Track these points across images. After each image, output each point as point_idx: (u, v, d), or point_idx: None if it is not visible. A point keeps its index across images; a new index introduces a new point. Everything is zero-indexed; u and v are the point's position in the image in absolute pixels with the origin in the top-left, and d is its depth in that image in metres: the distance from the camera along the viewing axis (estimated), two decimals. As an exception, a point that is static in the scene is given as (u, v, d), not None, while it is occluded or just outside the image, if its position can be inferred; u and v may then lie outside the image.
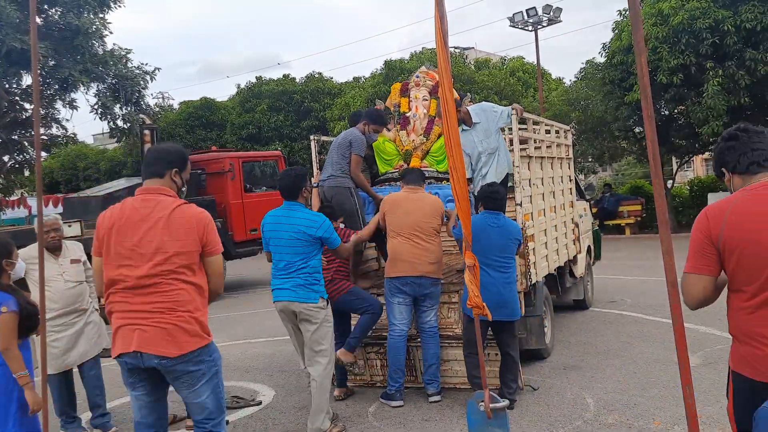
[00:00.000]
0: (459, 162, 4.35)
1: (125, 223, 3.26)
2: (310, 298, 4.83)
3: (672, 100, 16.56)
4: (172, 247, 3.19)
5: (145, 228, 3.21)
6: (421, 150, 6.55)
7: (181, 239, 3.21)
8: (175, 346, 3.16)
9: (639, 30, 1.86)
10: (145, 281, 3.17)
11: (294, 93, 27.42)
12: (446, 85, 3.95)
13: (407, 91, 6.78)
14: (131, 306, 3.21)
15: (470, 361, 5.34)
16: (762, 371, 2.35)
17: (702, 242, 2.44)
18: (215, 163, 14.13)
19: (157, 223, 3.21)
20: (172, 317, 3.16)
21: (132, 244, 3.21)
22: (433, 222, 5.64)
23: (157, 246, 3.18)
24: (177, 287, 3.19)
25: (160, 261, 3.17)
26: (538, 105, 22.36)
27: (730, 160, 2.56)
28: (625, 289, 10.42)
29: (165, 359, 3.17)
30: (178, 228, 3.21)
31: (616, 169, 35.37)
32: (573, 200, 8.43)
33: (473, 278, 4.51)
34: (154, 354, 3.16)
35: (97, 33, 17.61)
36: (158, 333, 3.15)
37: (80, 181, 32.69)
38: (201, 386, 3.27)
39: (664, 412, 4.99)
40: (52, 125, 19.51)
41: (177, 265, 3.19)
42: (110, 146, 35.79)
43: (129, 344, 3.18)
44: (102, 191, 13.62)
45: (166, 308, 3.17)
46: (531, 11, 23.81)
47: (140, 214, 3.25)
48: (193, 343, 3.20)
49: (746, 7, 14.72)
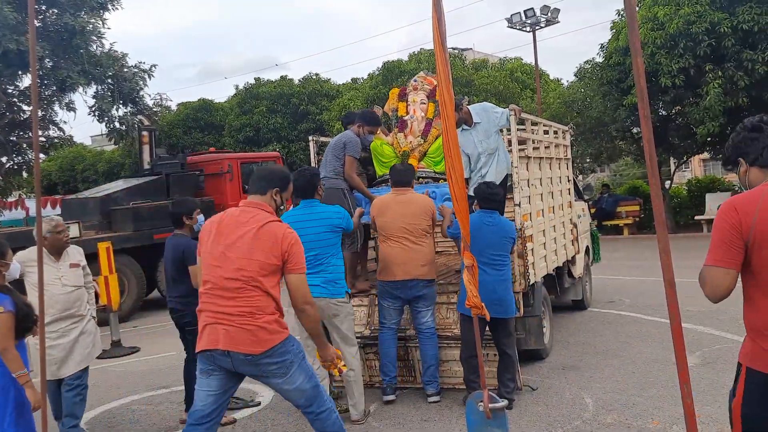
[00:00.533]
0: (457, 163, 4.35)
1: (223, 228, 3.61)
2: (340, 293, 5.15)
3: (671, 102, 16.58)
4: (256, 257, 3.48)
5: (237, 235, 3.54)
6: (418, 151, 6.54)
7: (265, 251, 3.50)
8: (258, 345, 3.45)
9: (635, 31, 1.86)
10: (229, 284, 3.48)
11: (291, 95, 27.43)
12: (445, 86, 3.95)
13: (405, 95, 6.78)
14: (218, 307, 3.51)
15: (468, 366, 5.34)
16: None
17: (731, 235, 2.36)
18: (213, 165, 14.12)
19: (247, 233, 3.53)
20: (254, 320, 3.46)
21: (223, 248, 3.54)
22: (422, 223, 5.62)
23: (244, 253, 3.49)
24: (257, 294, 3.48)
25: (244, 266, 3.47)
26: (536, 106, 22.37)
27: (752, 151, 2.49)
28: (623, 290, 10.43)
29: (250, 356, 3.45)
30: (265, 241, 3.51)
31: (614, 169, 35.43)
32: (571, 201, 8.43)
33: (472, 278, 4.50)
34: (240, 352, 3.45)
35: (95, 32, 17.58)
36: (242, 333, 3.44)
37: (78, 183, 32.68)
38: (293, 374, 3.56)
39: (663, 411, 5.00)
40: (49, 127, 19.48)
41: (257, 274, 3.47)
42: (108, 148, 35.73)
43: (216, 342, 3.47)
44: (100, 193, 13.58)
45: (247, 312, 3.46)
46: (529, 12, 23.83)
47: (237, 222, 3.59)
48: (274, 339, 3.49)
49: (743, 9, 14.74)
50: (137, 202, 12.52)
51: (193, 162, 14.44)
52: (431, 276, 5.65)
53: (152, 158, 14.14)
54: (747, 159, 2.51)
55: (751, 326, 2.45)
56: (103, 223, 12.19)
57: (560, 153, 8.01)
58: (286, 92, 27.60)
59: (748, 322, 2.46)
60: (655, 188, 2.02)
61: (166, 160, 13.95)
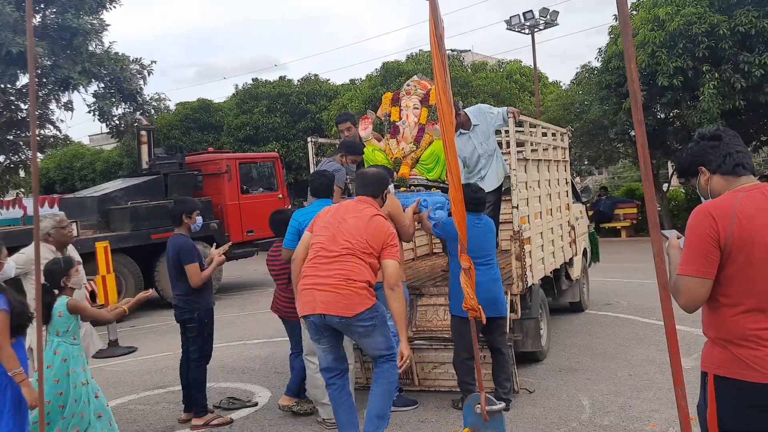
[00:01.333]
0: (455, 165, 4.36)
1: (341, 210, 4.37)
2: None
3: (668, 104, 16.61)
4: (362, 237, 4.16)
5: (350, 216, 4.27)
6: (410, 158, 6.40)
7: (370, 236, 4.17)
8: (350, 309, 4.07)
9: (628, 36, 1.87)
10: (334, 253, 4.12)
11: (290, 95, 27.44)
12: (441, 89, 3.95)
13: (398, 100, 6.67)
14: (319, 273, 4.14)
15: (463, 368, 5.33)
16: (766, 372, 2.27)
17: (707, 243, 2.31)
18: (212, 165, 14.11)
19: (359, 218, 4.24)
20: (348, 285, 4.07)
21: (336, 222, 4.25)
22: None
23: (352, 233, 4.17)
24: (354, 262, 4.11)
25: (349, 240, 4.14)
26: (534, 108, 22.39)
27: (714, 159, 2.47)
28: (620, 292, 10.45)
29: (344, 318, 4.08)
30: (371, 229, 4.20)
31: (612, 172, 35.45)
32: (569, 203, 8.45)
33: (469, 280, 4.52)
34: (334, 315, 4.07)
35: (94, 32, 17.58)
36: (337, 298, 4.06)
37: (76, 181, 32.62)
38: (375, 335, 4.19)
39: (660, 414, 5.01)
40: (46, 126, 19.47)
41: (359, 250, 4.13)
42: (106, 147, 35.74)
43: (314, 307, 4.11)
44: (98, 192, 13.56)
45: (343, 276, 4.07)
46: (528, 14, 23.87)
47: (354, 208, 4.35)
48: (364, 305, 4.09)
49: (741, 11, 14.79)
50: (135, 201, 12.52)
51: (192, 162, 14.43)
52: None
53: (151, 158, 14.13)
54: (709, 167, 2.48)
55: (719, 335, 2.40)
56: (101, 222, 12.19)
57: (558, 155, 8.02)
58: (285, 92, 27.62)
59: (716, 331, 2.41)
60: (649, 193, 2.03)
61: (165, 159, 13.94)
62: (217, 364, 6.91)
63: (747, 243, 2.28)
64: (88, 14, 17.51)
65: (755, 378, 2.28)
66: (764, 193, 2.36)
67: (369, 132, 6.64)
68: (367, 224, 4.21)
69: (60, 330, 4.44)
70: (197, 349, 5.52)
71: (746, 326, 2.30)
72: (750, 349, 2.30)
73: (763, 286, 2.28)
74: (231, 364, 7.53)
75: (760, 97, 15.25)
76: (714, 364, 2.40)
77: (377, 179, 4.58)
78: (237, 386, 6.63)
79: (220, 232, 12.96)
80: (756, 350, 2.28)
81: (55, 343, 4.43)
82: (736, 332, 2.33)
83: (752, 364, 2.29)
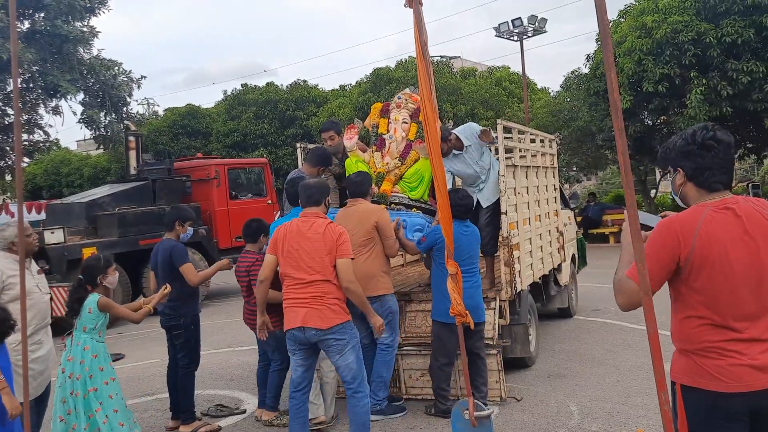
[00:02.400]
0: (440, 173, 4.38)
1: (292, 234, 4.50)
2: None
3: (656, 111, 16.74)
4: (322, 259, 4.37)
5: (304, 239, 4.43)
6: (394, 174, 6.18)
7: (327, 251, 4.38)
8: (324, 322, 4.34)
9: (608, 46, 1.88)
10: (305, 280, 4.38)
11: (278, 101, 27.44)
12: (426, 96, 3.96)
13: (387, 112, 6.47)
14: (297, 295, 4.42)
15: (440, 374, 5.35)
16: (729, 382, 2.27)
17: (665, 259, 2.32)
18: (201, 170, 14.05)
19: (312, 240, 4.41)
20: (323, 301, 4.36)
21: (294, 250, 4.44)
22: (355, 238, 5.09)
23: (313, 257, 4.38)
24: (324, 284, 4.36)
25: (313, 267, 4.37)
26: (523, 115, 22.50)
27: (696, 168, 2.40)
28: (608, 298, 10.42)
29: (319, 331, 4.35)
30: (328, 244, 4.38)
31: (600, 178, 35.66)
32: (558, 209, 8.48)
33: (456, 286, 4.52)
34: (311, 327, 4.34)
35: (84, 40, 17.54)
36: (314, 312, 4.35)
37: (63, 187, 32.45)
38: (347, 354, 4.42)
39: (647, 420, 5.03)
40: (34, 130, 19.37)
41: (326, 272, 4.37)
42: (94, 153, 35.54)
43: (297, 321, 4.40)
44: (86, 198, 13.46)
45: (318, 296, 4.36)
46: (516, 21, 24.01)
47: (303, 232, 4.47)
48: (338, 319, 4.37)
49: (727, 21, 14.94)
50: (123, 207, 12.43)
51: (180, 167, 14.37)
52: (370, 293, 5.12)
53: (139, 163, 14.05)
54: (687, 173, 2.43)
55: (684, 346, 2.39)
56: (89, 228, 12.08)
57: (547, 162, 8.05)
58: (273, 98, 27.62)
59: (681, 341, 2.40)
60: (630, 199, 2.04)
61: (153, 165, 13.87)
62: (204, 371, 6.87)
63: (707, 261, 2.29)
64: (78, 20, 17.45)
65: (719, 387, 2.28)
66: (734, 211, 2.33)
67: (354, 142, 6.42)
68: (323, 242, 4.38)
69: (88, 326, 4.52)
70: (185, 355, 5.48)
71: (709, 338, 2.32)
72: (712, 359, 2.31)
73: (724, 301, 2.30)
74: (219, 371, 7.48)
75: (747, 105, 15.41)
76: (681, 374, 2.40)
77: (319, 189, 4.70)
78: (225, 393, 6.59)
79: (208, 238, 12.90)
80: (718, 360, 2.29)
81: (82, 339, 4.50)
82: (700, 343, 2.33)
83: (716, 374, 2.29)
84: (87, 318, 4.52)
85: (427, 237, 5.45)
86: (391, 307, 5.49)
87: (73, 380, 4.43)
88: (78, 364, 4.45)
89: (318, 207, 4.63)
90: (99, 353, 4.53)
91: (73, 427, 4.39)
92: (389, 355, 5.51)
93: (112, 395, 4.50)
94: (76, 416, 4.39)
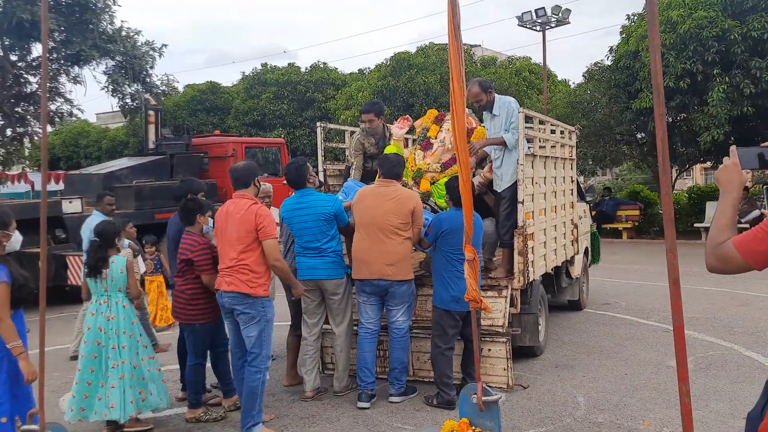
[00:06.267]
0: (464, 157, 4.38)
1: (223, 215, 4.85)
2: (339, 274, 5.55)
3: (676, 108, 16.59)
4: (242, 241, 4.70)
5: (230, 223, 4.75)
6: (431, 176, 6.50)
7: (245, 232, 4.69)
8: (236, 287, 4.67)
9: (655, 27, 1.87)
10: (231, 254, 4.72)
11: (298, 82, 27.43)
12: (456, 78, 3.97)
13: (442, 120, 6.74)
14: (224, 265, 4.78)
15: (442, 360, 5.34)
16: None
17: None
18: (218, 147, 14.13)
19: (234, 224, 4.72)
20: (239, 273, 4.69)
21: (221, 233, 4.82)
22: (392, 220, 5.37)
23: (233, 244, 4.72)
24: (245, 254, 4.70)
25: (242, 240, 4.70)
26: (542, 106, 22.35)
27: None
28: (619, 293, 10.48)
29: (229, 296, 4.71)
30: (245, 225, 4.69)
31: (616, 173, 35.42)
32: (574, 201, 8.47)
33: (472, 272, 4.54)
34: (225, 291, 4.73)
35: (106, 10, 17.60)
36: (233, 279, 4.70)
37: (81, 159, 32.68)
38: (251, 328, 4.70)
39: (654, 413, 5.05)
40: (56, 99, 19.50)
41: (245, 243, 4.70)
42: (112, 126, 35.75)
43: (220, 285, 4.80)
44: (104, 170, 13.59)
45: (236, 268, 4.69)
46: (540, 11, 23.78)
47: (232, 214, 4.79)
48: (247, 289, 4.67)
49: (754, 17, 14.74)
50: (141, 180, 12.55)
51: (198, 144, 14.45)
52: (401, 276, 5.39)
53: (157, 138, 14.15)
54: None
55: None
56: (106, 199, 12.18)
57: (565, 153, 8.03)
58: (293, 79, 27.61)
59: None
60: (666, 188, 1.99)
61: (171, 140, 13.96)
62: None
63: None
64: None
65: None
66: None
67: (403, 133, 6.80)
68: (244, 222, 4.69)
69: (122, 286, 4.86)
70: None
71: None
72: None
73: None
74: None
75: (769, 104, 15.24)
76: None
77: (246, 172, 4.90)
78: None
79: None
80: None
81: (120, 297, 4.86)
82: None
83: None
84: (120, 278, 4.86)
85: (432, 227, 5.47)
86: (414, 291, 5.64)
87: (119, 335, 4.76)
88: (122, 320, 4.80)
89: (246, 189, 4.87)
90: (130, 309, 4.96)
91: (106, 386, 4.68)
92: (407, 339, 5.60)
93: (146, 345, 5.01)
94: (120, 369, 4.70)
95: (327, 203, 5.50)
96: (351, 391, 5.66)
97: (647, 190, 21.65)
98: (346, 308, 5.66)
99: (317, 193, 5.72)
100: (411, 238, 5.51)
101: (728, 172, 2.20)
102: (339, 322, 5.65)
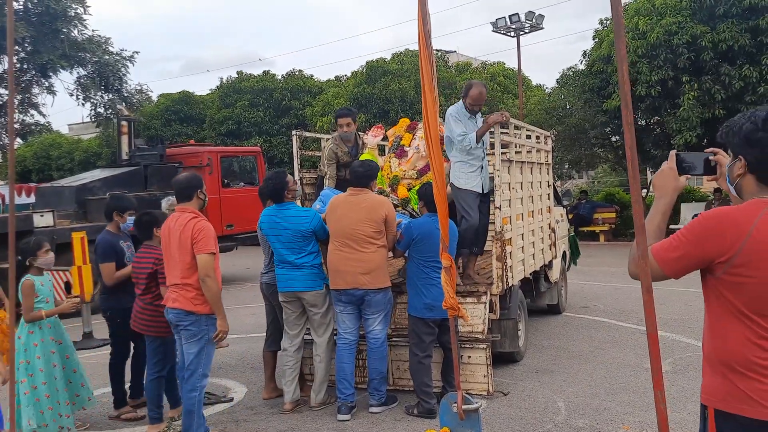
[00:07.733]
0: (439, 165, 4.36)
1: (166, 231, 4.76)
2: (318, 285, 5.45)
3: (648, 111, 16.79)
4: (184, 261, 4.61)
5: (173, 241, 4.67)
6: (408, 183, 6.56)
7: (185, 251, 4.60)
8: (179, 304, 4.64)
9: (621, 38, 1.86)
10: (177, 273, 4.66)
11: (274, 90, 27.32)
12: (428, 87, 3.95)
13: (415, 129, 6.81)
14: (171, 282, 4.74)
15: (421, 368, 5.29)
16: None
17: (700, 249, 2.00)
18: (193, 158, 13.97)
19: (177, 243, 4.63)
20: (184, 291, 4.64)
21: (166, 250, 4.77)
22: (365, 229, 5.32)
23: (176, 264, 4.66)
24: (191, 276, 4.61)
25: (183, 258, 4.61)
26: (517, 111, 22.50)
27: (761, 159, 2.02)
28: (598, 295, 10.54)
29: (173, 313, 4.69)
30: (184, 243, 4.59)
31: (592, 176, 35.77)
32: (550, 206, 8.50)
33: (450, 279, 4.52)
34: (170, 308, 4.72)
35: (77, 18, 17.39)
36: (175, 296, 4.67)
37: (53, 171, 32.21)
38: (192, 346, 4.65)
39: (634, 417, 5.06)
40: (29, 111, 19.22)
41: (186, 261, 4.61)
42: (85, 137, 35.30)
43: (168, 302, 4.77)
44: (76, 182, 13.37)
45: (181, 285, 4.64)
46: (514, 17, 23.96)
47: (173, 232, 4.67)
48: (191, 307, 4.62)
49: (724, 25, 14.95)
50: (114, 192, 12.35)
51: (172, 154, 14.28)
52: (377, 284, 5.33)
53: (131, 149, 13.97)
54: (750, 164, 2.05)
55: (721, 360, 2.06)
56: (79, 212, 12.00)
57: (541, 158, 8.06)
58: (269, 87, 27.50)
59: (719, 356, 2.06)
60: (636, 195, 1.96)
61: (145, 151, 13.79)
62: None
63: (758, 268, 1.96)
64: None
65: (760, 415, 1.98)
66: None
67: (377, 141, 6.81)
68: (180, 241, 4.59)
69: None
70: (112, 344, 5.69)
71: (753, 355, 2.00)
72: (754, 380, 2.00)
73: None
74: (207, 359, 7.46)
75: (740, 107, 15.45)
76: (715, 397, 2.06)
77: (188, 183, 4.79)
78: (213, 381, 6.55)
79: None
80: (761, 383, 1.99)
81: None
82: (742, 360, 2.01)
83: (757, 398, 1.99)
84: None
85: (404, 235, 5.44)
86: (391, 299, 5.59)
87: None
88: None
89: (189, 202, 4.74)
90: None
91: None
92: (385, 349, 5.54)
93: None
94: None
95: (305, 220, 5.41)
96: (329, 406, 5.57)
97: (623, 193, 21.86)
98: (328, 320, 5.58)
99: (296, 207, 5.62)
100: (386, 245, 5.47)
101: (663, 178, 2.17)
102: (321, 334, 5.58)
